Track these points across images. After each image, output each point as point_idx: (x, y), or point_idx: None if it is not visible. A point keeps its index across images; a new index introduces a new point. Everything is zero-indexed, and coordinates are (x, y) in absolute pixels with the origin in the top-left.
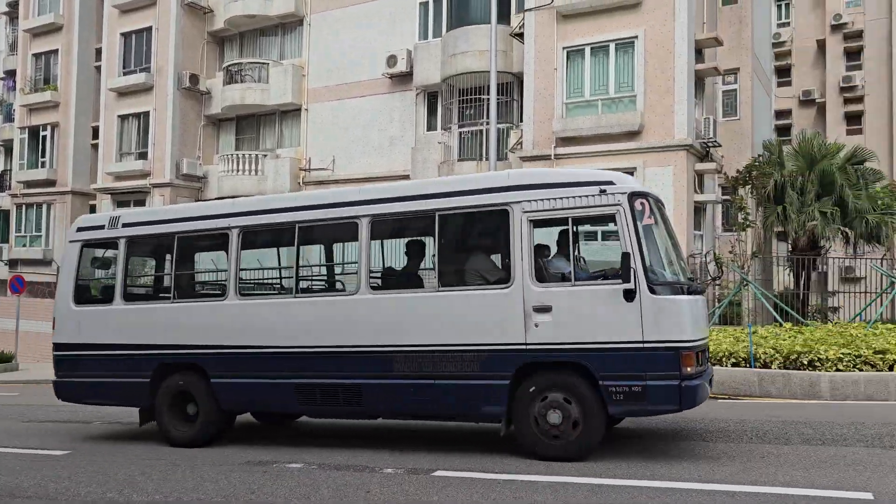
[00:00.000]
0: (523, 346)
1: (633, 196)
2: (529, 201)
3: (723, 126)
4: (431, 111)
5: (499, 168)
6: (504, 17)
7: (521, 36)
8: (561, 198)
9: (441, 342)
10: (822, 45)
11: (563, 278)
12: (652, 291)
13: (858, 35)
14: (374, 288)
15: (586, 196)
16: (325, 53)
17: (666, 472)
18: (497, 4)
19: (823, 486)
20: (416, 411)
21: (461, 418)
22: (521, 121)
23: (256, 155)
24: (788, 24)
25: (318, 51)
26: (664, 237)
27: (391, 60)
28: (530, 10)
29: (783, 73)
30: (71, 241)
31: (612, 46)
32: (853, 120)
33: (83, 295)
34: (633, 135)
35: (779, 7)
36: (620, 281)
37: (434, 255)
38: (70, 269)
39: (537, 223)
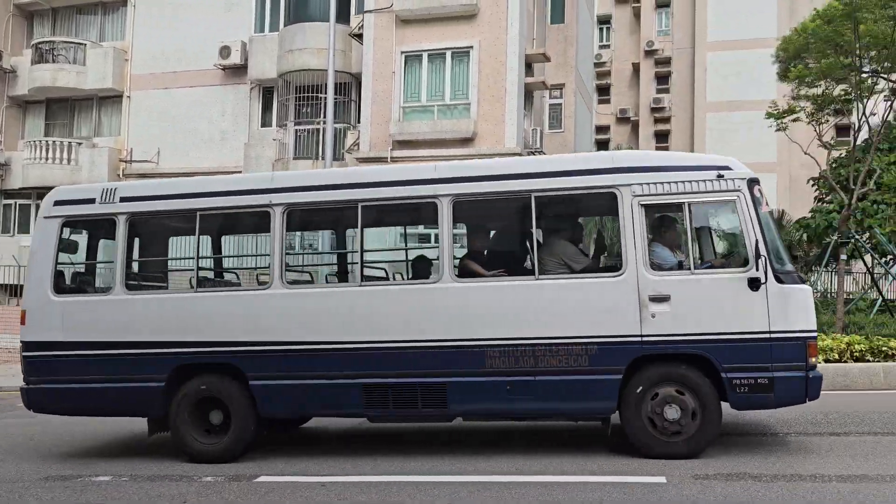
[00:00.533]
0: (638, 338)
1: (751, 182)
2: (640, 185)
3: (549, 137)
4: (266, 107)
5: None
6: (343, 16)
7: (360, 37)
8: (675, 181)
9: (543, 335)
10: (637, 68)
11: (680, 266)
12: (779, 280)
13: (667, 61)
14: (459, 276)
15: (703, 181)
16: (151, 38)
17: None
18: (336, 4)
19: None
20: (511, 411)
21: (563, 417)
22: (359, 122)
23: (70, 143)
24: (609, 46)
25: (143, 35)
26: (774, 226)
27: (224, 51)
28: (370, 11)
29: (603, 92)
30: (47, 217)
31: (448, 54)
32: (661, 138)
33: (66, 283)
34: (466, 141)
35: (601, 30)
36: (744, 269)
37: (529, 240)
38: (47, 251)
39: (649, 208)
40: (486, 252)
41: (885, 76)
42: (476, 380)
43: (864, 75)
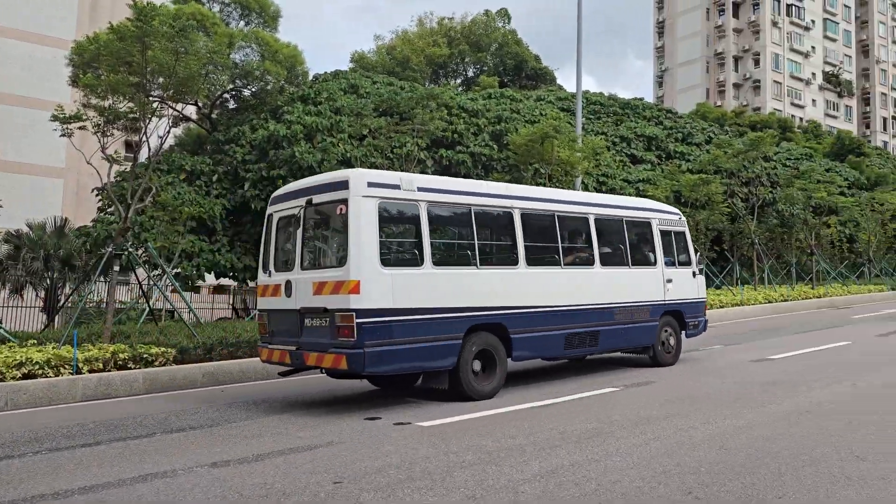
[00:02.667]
0: (663, 301)
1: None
2: (659, 220)
3: None
4: None
5: None
6: None
7: None
8: (669, 219)
9: (636, 300)
10: None
11: (674, 264)
12: (697, 273)
13: None
14: (602, 263)
15: (676, 219)
16: None
17: None
18: None
19: None
20: (625, 347)
21: (640, 351)
22: None
23: None
24: None
25: None
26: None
27: None
28: None
29: None
30: (365, 197)
31: None
32: None
33: (389, 257)
34: None
35: None
36: (690, 267)
37: (624, 245)
38: (371, 228)
39: (663, 232)
40: (611, 251)
41: (171, 104)
42: (610, 328)
43: (152, 98)
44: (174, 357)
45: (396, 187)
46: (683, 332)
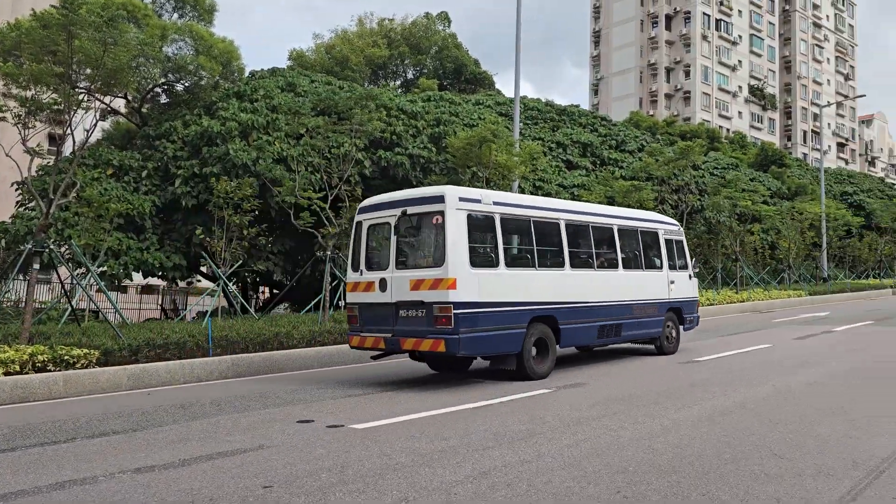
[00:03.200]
0: (667, 299)
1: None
2: (664, 230)
3: None
4: None
5: None
6: None
7: None
8: (671, 229)
9: (648, 298)
10: None
11: (675, 268)
12: (692, 276)
13: None
14: (623, 267)
15: (676, 230)
16: None
17: None
18: None
19: None
20: (638, 338)
21: (647, 341)
22: None
23: None
24: None
25: None
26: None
27: None
28: None
29: None
30: (458, 209)
31: None
32: None
33: (475, 259)
34: None
35: None
36: (687, 271)
37: (639, 251)
38: (462, 235)
39: (667, 241)
40: (630, 256)
41: (98, 96)
42: (629, 321)
43: (78, 90)
44: (97, 359)
45: (478, 201)
46: (681, 326)
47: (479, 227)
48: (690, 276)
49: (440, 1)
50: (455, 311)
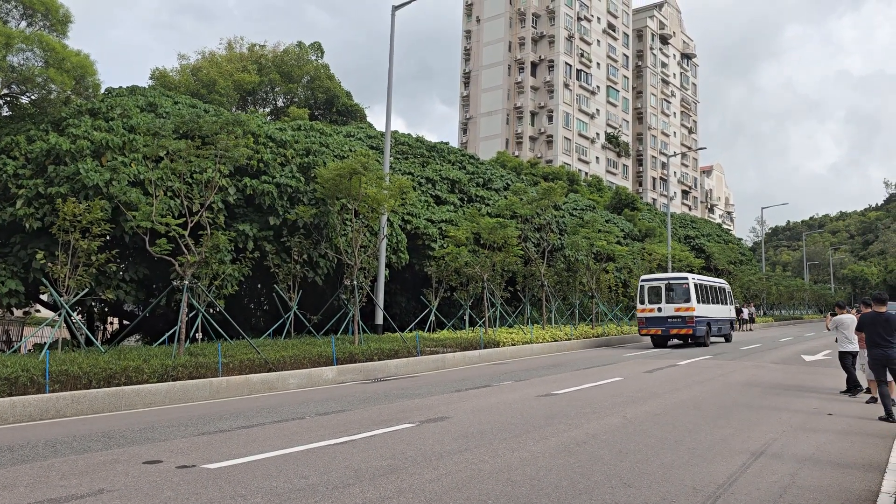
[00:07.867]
0: (728, 318)
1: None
2: (723, 287)
3: None
4: None
5: None
6: None
7: None
8: (724, 287)
9: (720, 317)
10: None
11: (726, 303)
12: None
13: None
14: (713, 302)
15: (726, 285)
16: None
17: None
18: None
19: None
20: (721, 334)
21: (721, 337)
22: None
23: None
24: None
25: None
26: None
27: None
28: None
29: None
30: (692, 281)
31: None
32: None
33: (698, 299)
34: None
35: None
36: (728, 305)
37: (717, 296)
38: (695, 290)
39: (725, 290)
40: (715, 297)
41: None
42: (710, 329)
43: None
44: None
45: (692, 274)
46: (731, 331)
47: (696, 286)
48: (731, 307)
49: (313, 32)
50: (695, 318)
